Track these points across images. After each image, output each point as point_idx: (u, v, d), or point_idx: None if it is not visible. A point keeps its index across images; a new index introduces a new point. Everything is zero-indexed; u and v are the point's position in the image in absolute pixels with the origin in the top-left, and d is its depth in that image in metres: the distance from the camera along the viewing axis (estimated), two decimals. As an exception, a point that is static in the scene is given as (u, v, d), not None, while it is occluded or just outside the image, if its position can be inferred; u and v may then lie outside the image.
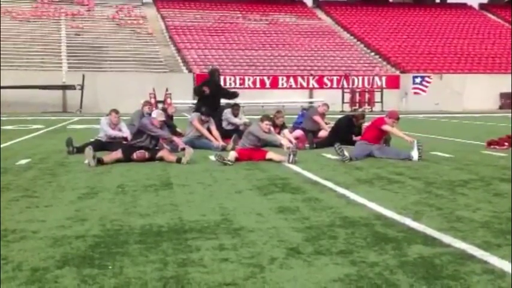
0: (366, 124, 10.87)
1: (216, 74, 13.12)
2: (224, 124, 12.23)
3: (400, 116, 9.92)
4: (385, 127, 9.26)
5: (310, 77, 36.02)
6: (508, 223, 4.59)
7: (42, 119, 23.02)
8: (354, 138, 10.86)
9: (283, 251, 3.81)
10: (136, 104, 16.23)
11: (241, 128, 12.04)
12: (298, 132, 12.08)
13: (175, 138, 9.60)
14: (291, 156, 8.50)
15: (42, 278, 3.26)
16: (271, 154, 8.89)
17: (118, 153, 8.81)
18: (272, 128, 9.75)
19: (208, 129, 10.98)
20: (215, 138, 10.81)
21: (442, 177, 7.11)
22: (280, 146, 9.30)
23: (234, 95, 13.40)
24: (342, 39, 43.88)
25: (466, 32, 46.49)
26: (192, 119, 11.14)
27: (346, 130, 11.17)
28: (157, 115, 9.20)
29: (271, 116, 11.67)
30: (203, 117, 10.97)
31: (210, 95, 12.19)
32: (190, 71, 35.03)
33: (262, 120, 9.25)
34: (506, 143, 10.58)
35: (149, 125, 8.99)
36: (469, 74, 37.99)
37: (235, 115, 12.54)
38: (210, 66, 13.05)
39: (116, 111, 10.76)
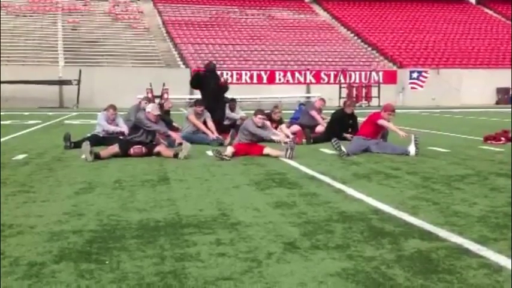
0: (362, 119, 10.88)
1: (214, 68, 12.90)
2: None
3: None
4: (380, 121, 9.26)
5: (307, 72, 36.00)
6: (504, 217, 4.60)
7: (38, 114, 22.97)
8: (345, 135, 10.84)
9: (280, 245, 3.81)
10: (133, 99, 16.23)
11: (238, 122, 12.04)
12: (296, 128, 12.08)
13: (171, 133, 9.56)
14: (289, 151, 8.49)
15: (39, 273, 3.26)
16: (268, 149, 8.88)
17: (115, 148, 8.79)
18: (268, 123, 9.73)
19: (205, 123, 10.98)
20: (210, 131, 10.81)
21: (439, 172, 7.12)
22: (270, 140, 9.23)
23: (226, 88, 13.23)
24: (339, 34, 43.85)
25: (463, 26, 46.52)
26: (188, 114, 11.15)
27: (340, 123, 11.19)
28: (153, 109, 9.14)
29: (268, 111, 11.66)
30: (197, 109, 10.97)
31: (211, 88, 12.13)
32: (187, 66, 34.99)
33: (255, 114, 9.22)
34: (502, 138, 10.61)
35: (145, 119, 8.95)
36: (465, 69, 38.05)
37: (232, 110, 12.53)
38: (213, 62, 13.01)
39: (114, 108, 10.74)
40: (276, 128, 11.27)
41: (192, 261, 3.48)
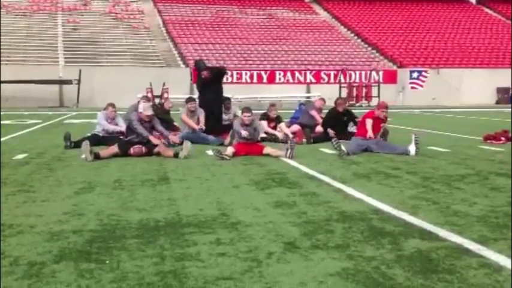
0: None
1: (201, 64, 12.59)
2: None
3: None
4: (367, 120, 9.31)
5: (307, 72, 35.99)
6: (504, 217, 4.60)
7: (39, 114, 22.97)
8: (328, 130, 10.93)
9: (281, 245, 3.81)
10: (134, 99, 16.23)
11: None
12: (296, 127, 12.08)
13: (151, 138, 8.97)
14: (289, 150, 8.49)
15: (39, 273, 3.26)
16: (268, 149, 8.88)
17: (115, 148, 8.78)
18: (264, 122, 9.64)
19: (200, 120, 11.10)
20: (196, 124, 10.89)
21: (438, 172, 7.12)
22: (274, 139, 9.20)
23: (222, 70, 13.04)
24: (339, 33, 43.85)
25: (463, 26, 46.51)
26: (181, 113, 11.20)
27: (334, 122, 11.21)
28: (144, 109, 9.03)
29: (266, 111, 11.64)
30: (190, 106, 10.96)
31: (208, 82, 12.02)
32: (187, 65, 34.97)
33: (242, 112, 9.19)
34: (502, 138, 10.61)
35: (134, 121, 8.88)
36: (466, 69, 38.04)
37: (227, 108, 12.45)
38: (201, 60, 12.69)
39: (113, 105, 10.74)
40: (274, 127, 11.28)
41: (192, 261, 3.48)
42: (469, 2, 53.04)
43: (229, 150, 8.70)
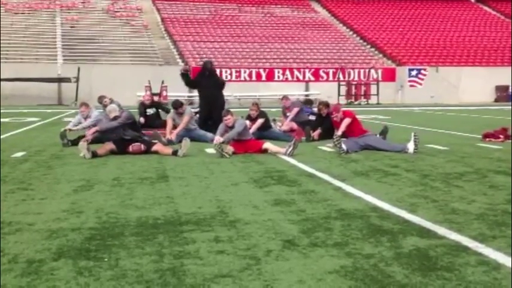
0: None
1: (207, 65, 12.45)
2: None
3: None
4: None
5: (306, 70, 35.98)
6: (503, 215, 4.61)
7: (37, 112, 22.95)
8: (314, 133, 10.90)
9: (279, 243, 3.82)
10: (132, 97, 16.23)
11: None
12: (295, 125, 12.07)
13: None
14: (290, 148, 8.47)
15: (38, 270, 3.26)
16: (268, 144, 8.90)
17: (110, 144, 8.78)
18: (247, 122, 9.55)
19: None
20: (170, 132, 10.65)
21: (437, 170, 7.13)
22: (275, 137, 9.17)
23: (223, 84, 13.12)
24: (338, 31, 43.82)
25: (462, 24, 46.49)
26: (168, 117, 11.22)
27: (317, 124, 11.23)
28: (109, 112, 9.19)
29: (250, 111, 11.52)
30: (180, 110, 10.86)
31: (203, 86, 12.03)
32: (186, 63, 34.94)
33: (223, 116, 9.16)
34: (501, 136, 10.61)
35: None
36: (465, 67, 38.03)
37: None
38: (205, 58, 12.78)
39: (82, 104, 11.80)
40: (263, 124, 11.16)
41: (191, 258, 3.48)
42: (468, 0, 53.01)
43: (230, 148, 8.71)
